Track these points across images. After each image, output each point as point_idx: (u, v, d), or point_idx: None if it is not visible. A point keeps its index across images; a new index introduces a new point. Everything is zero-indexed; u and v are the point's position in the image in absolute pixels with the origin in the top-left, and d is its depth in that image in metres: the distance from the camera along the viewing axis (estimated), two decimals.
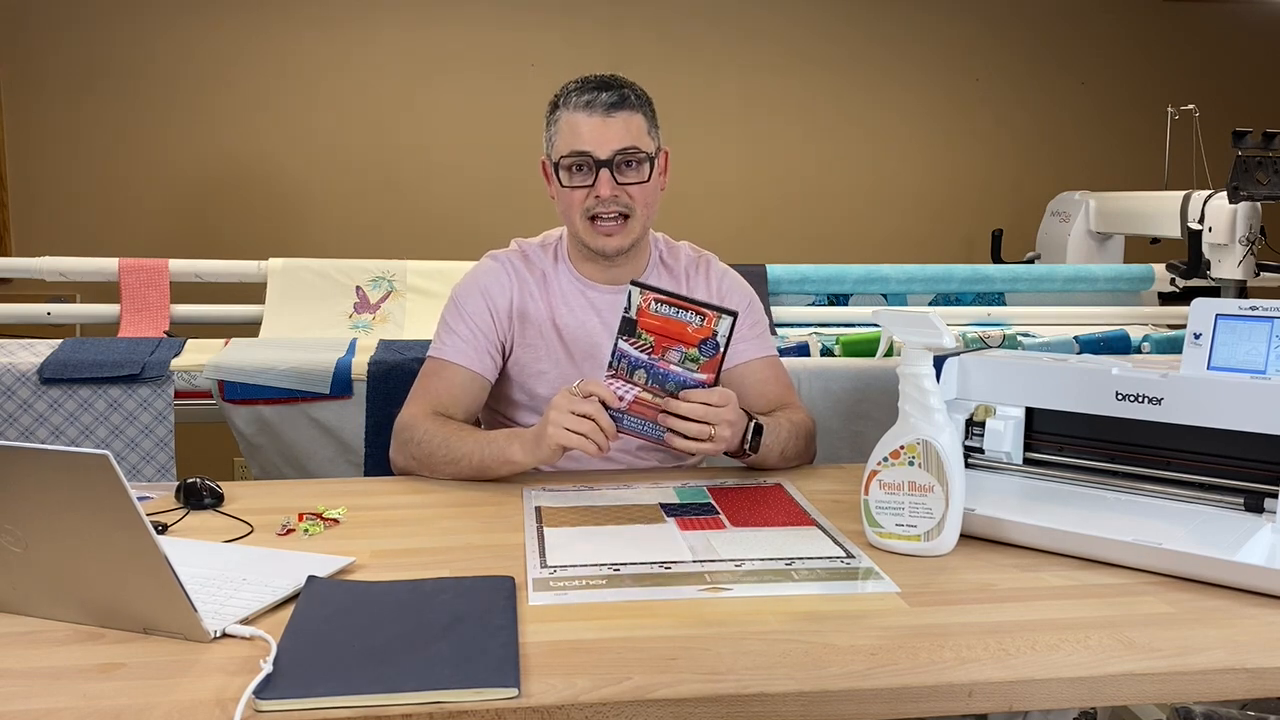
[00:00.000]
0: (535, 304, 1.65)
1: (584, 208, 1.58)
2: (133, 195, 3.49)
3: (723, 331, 1.37)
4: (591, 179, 1.56)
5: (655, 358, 1.39)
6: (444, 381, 1.62)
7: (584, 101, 1.56)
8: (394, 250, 2.85)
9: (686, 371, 1.39)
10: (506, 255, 1.69)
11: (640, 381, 1.40)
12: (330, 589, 1.06)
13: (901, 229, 3.93)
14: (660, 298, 1.38)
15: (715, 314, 1.37)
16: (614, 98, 1.56)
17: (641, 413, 1.41)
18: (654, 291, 1.38)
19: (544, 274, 1.67)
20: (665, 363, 1.39)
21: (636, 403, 1.40)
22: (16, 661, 0.91)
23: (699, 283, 1.71)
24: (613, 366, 1.41)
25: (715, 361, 1.38)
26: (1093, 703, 0.92)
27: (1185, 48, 4.01)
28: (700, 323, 1.37)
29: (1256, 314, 1.24)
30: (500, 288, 1.65)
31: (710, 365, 1.38)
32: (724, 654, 0.94)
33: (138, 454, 2.07)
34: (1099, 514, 1.24)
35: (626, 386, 1.40)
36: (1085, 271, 2.78)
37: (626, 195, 1.57)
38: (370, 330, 2.47)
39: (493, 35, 3.62)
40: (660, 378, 1.39)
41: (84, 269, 2.48)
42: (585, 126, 1.55)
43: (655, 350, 1.39)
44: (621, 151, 1.55)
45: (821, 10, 3.81)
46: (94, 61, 3.42)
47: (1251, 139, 2.37)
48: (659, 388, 1.40)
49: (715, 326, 1.37)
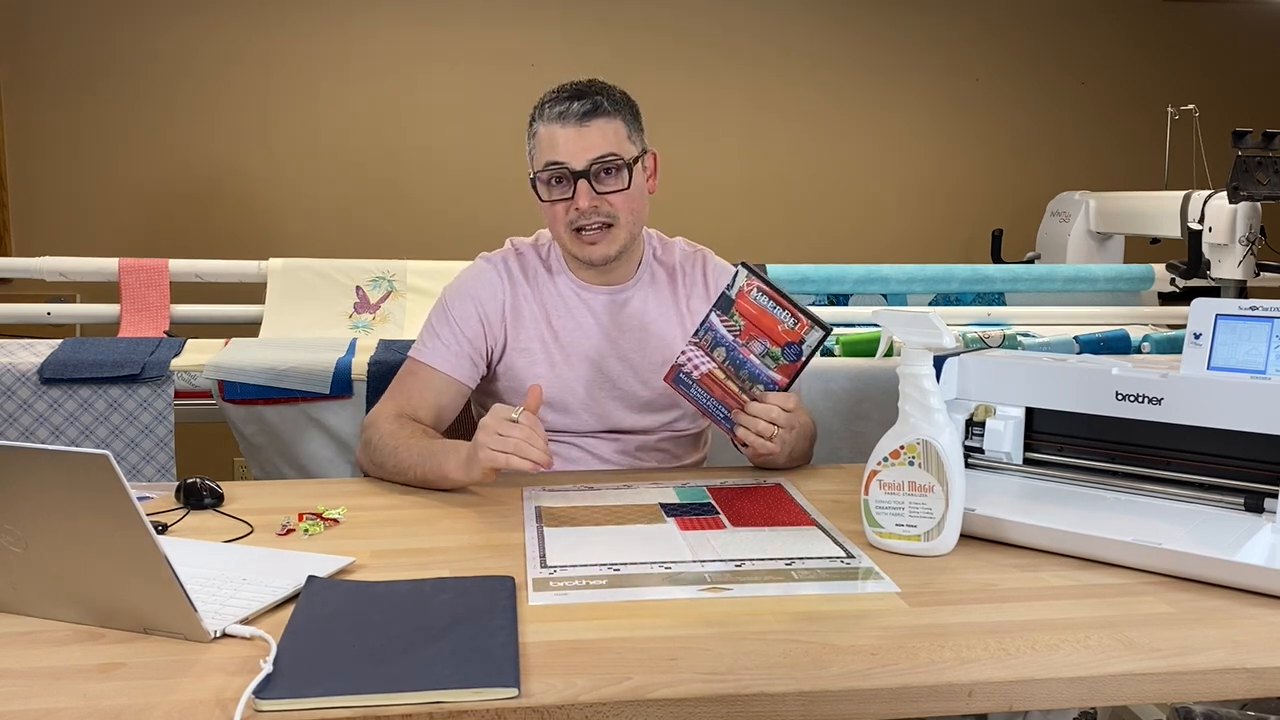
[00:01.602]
0: (529, 306, 1.64)
1: (567, 220, 1.55)
2: (133, 195, 3.49)
3: (810, 342, 1.38)
4: (570, 191, 1.54)
5: (740, 342, 1.41)
6: (419, 383, 1.60)
7: (556, 113, 1.53)
8: (394, 250, 2.85)
9: (764, 367, 1.40)
10: (500, 256, 1.68)
11: (719, 359, 1.42)
12: (330, 589, 1.06)
13: (901, 229, 3.93)
14: (764, 288, 1.39)
15: (809, 323, 1.38)
16: (586, 106, 1.52)
17: (710, 389, 1.43)
18: (760, 280, 1.39)
19: (538, 276, 1.66)
20: (748, 351, 1.40)
21: (708, 377, 1.43)
22: (16, 661, 0.91)
23: (695, 278, 1.70)
24: (698, 335, 1.43)
25: (794, 368, 1.40)
26: (1093, 703, 0.92)
27: (1185, 48, 4.01)
28: (793, 325, 1.38)
29: (1256, 314, 1.24)
30: (492, 292, 1.63)
31: (788, 370, 1.40)
32: (724, 654, 0.94)
33: (138, 454, 2.07)
34: (1099, 514, 1.24)
35: (704, 358, 1.42)
36: (1085, 271, 2.78)
37: (607, 204, 1.54)
38: (370, 330, 2.47)
39: (493, 35, 3.62)
40: (738, 363, 1.41)
41: (84, 269, 2.48)
42: (560, 138, 1.52)
43: (743, 335, 1.40)
44: (598, 160, 1.52)
45: (822, 10, 3.81)
46: (94, 61, 3.42)
47: (1251, 139, 2.37)
48: (733, 371, 1.41)
49: (805, 334, 1.38)
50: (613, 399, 1.64)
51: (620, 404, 1.64)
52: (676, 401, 1.60)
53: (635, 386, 1.64)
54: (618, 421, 1.64)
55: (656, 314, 1.66)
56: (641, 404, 1.64)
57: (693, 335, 1.44)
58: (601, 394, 1.63)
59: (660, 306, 1.67)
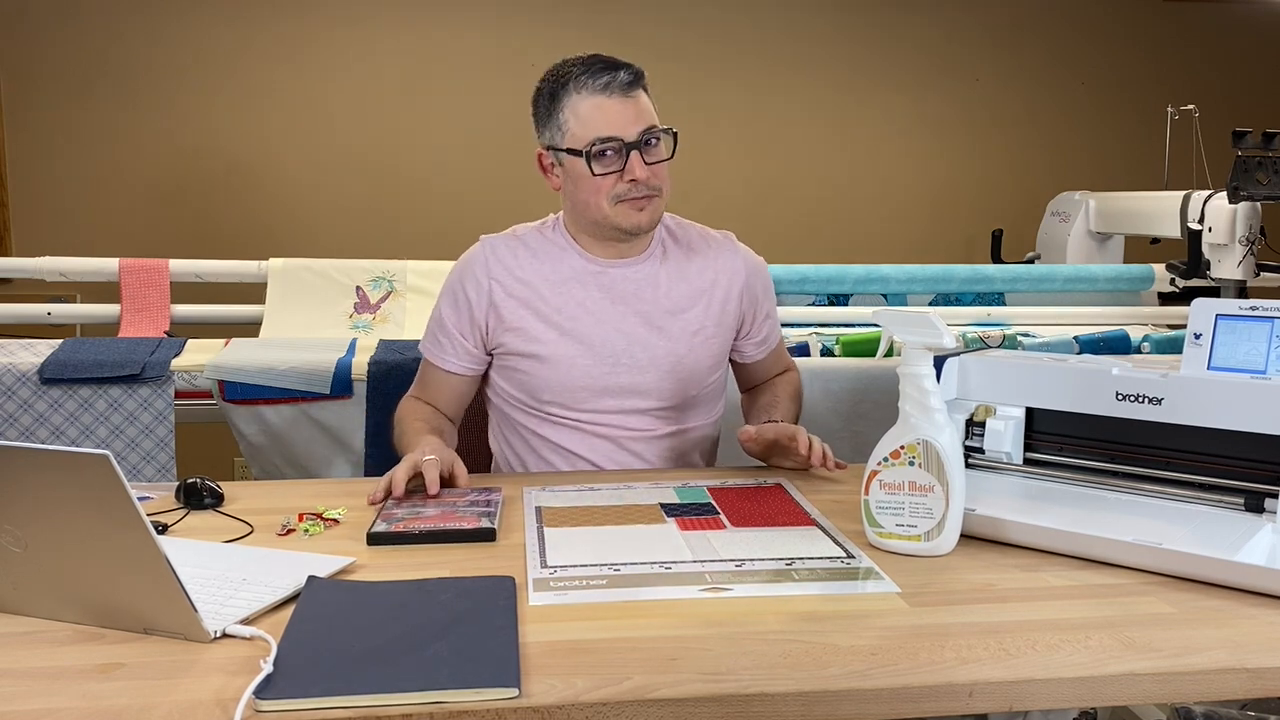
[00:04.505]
0: (528, 287, 1.62)
1: (614, 193, 1.54)
2: (133, 195, 3.49)
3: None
4: (620, 163, 1.52)
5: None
6: (432, 379, 1.69)
7: (601, 84, 1.51)
8: (394, 250, 2.85)
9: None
10: (501, 239, 1.66)
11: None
12: (330, 589, 1.06)
13: (902, 229, 3.93)
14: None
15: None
16: (630, 76, 1.52)
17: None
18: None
19: (547, 254, 1.64)
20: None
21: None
22: (16, 661, 0.91)
23: (712, 256, 1.69)
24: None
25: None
26: (1093, 703, 0.92)
27: (1185, 48, 4.01)
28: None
29: (1256, 314, 1.24)
30: (483, 272, 1.62)
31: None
32: (724, 654, 0.94)
33: (138, 454, 2.07)
34: (1099, 514, 1.24)
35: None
36: (1085, 271, 2.78)
37: (654, 175, 1.54)
38: (370, 330, 2.48)
39: (493, 35, 3.62)
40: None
41: (84, 269, 2.48)
42: (610, 110, 1.50)
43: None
44: (648, 130, 1.53)
45: (820, 12, 3.81)
46: (94, 61, 3.42)
47: (1251, 139, 2.37)
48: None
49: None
50: (620, 372, 1.62)
51: (629, 375, 1.62)
52: (683, 381, 1.64)
53: (628, 364, 1.62)
54: (626, 395, 1.63)
55: (667, 286, 1.65)
56: (650, 378, 1.63)
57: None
58: (599, 370, 1.62)
59: (670, 279, 1.66)
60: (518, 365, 1.63)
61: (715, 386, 1.72)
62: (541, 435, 1.65)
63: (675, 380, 1.64)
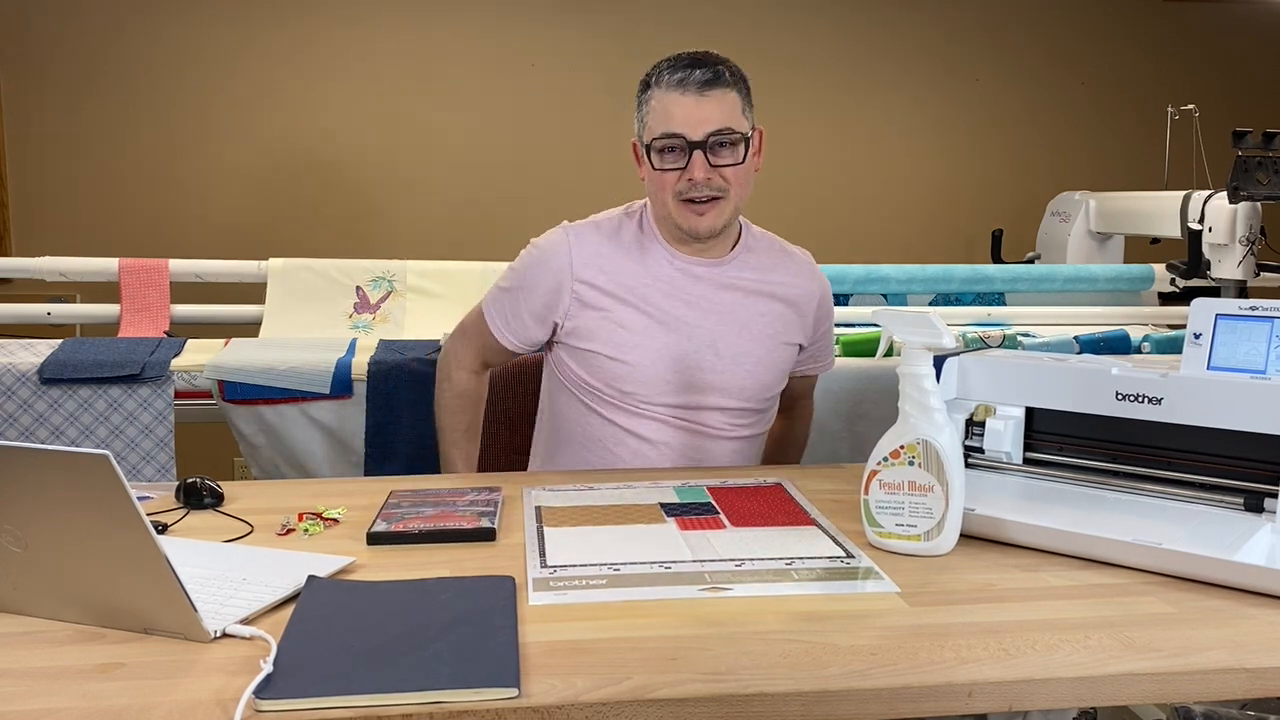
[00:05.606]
0: (611, 276, 1.61)
1: (675, 190, 1.54)
2: (133, 195, 3.49)
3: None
4: (684, 161, 1.53)
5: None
6: (486, 341, 1.69)
7: (676, 80, 1.52)
8: (394, 250, 2.85)
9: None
10: (585, 227, 1.65)
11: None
12: (330, 589, 1.06)
13: (901, 229, 3.93)
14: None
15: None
16: (707, 75, 1.51)
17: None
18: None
19: (631, 243, 1.63)
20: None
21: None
22: (16, 661, 0.91)
23: (794, 271, 1.71)
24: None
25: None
26: (1093, 703, 0.92)
27: (1185, 48, 4.01)
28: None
29: (1256, 314, 1.24)
30: (564, 262, 1.60)
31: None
32: (724, 654, 0.94)
33: (138, 454, 2.07)
34: (1099, 514, 1.24)
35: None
36: (1085, 271, 2.78)
37: (720, 178, 1.54)
38: (370, 330, 2.47)
39: (493, 35, 3.62)
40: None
41: (84, 269, 2.48)
42: (678, 107, 1.51)
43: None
44: (716, 133, 1.52)
45: (822, 11, 3.81)
46: (94, 61, 3.42)
47: (1251, 139, 2.37)
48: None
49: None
50: (693, 369, 1.62)
51: (700, 374, 1.63)
52: (760, 384, 1.66)
53: (712, 360, 1.63)
54: (695, 391, 1.63)
55: (751, 290, 1.66)
56: (721, 377, 1.63)
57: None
58: (683, 364, 1.62)
59: (753, 285, 1.67)
60: (599, 351, 1.61)
61: (778, 396, 1.74)
62: (617, 423, 1.63)
63: (754, 381, 1.66)
